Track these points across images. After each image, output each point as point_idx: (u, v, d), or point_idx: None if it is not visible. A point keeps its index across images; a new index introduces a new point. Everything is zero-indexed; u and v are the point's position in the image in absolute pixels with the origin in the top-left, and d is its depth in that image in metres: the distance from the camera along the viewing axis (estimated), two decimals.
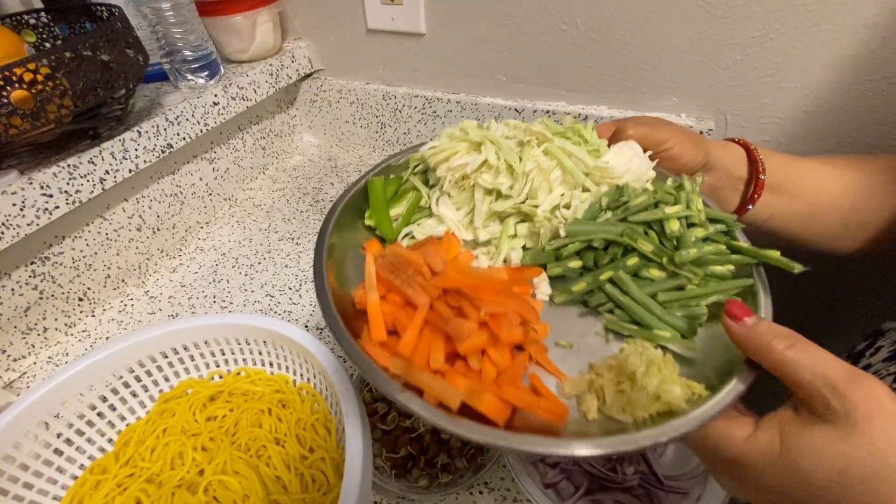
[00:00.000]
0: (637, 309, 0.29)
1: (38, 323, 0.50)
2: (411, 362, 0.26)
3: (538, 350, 0.29)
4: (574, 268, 0.32)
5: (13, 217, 0.43)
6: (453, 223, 0.36)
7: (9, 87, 0.39)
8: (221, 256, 0.62)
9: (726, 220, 0.32)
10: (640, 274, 0.31)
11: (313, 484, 0.34)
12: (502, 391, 0.25)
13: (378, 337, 0.28)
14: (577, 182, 0.34)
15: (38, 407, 0.34)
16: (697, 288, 0.30)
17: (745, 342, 0.25)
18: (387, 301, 0.30)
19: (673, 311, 0.29)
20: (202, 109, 0.59)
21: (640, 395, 0.25)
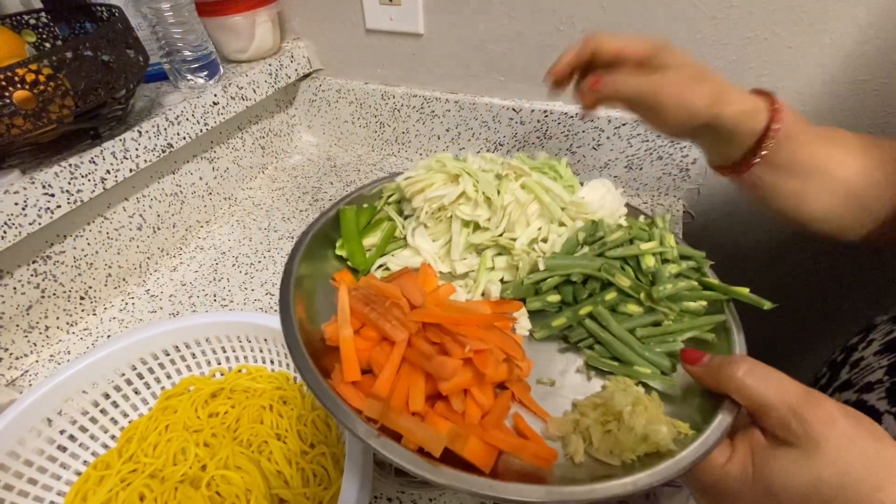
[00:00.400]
0: (617, 345, 0.30)
1: (39, 321, 0.50)
2: (388, 404, 0.24)
3: (521, 389, 0.28)
4: (553, 302, 0.32)
5: (15, 216, 0.43)
6: (430, 255, 0.36)
7: (11, 88, 0.39)
8: (221, 255, 0.63)
9: (696, 257, 0.34)
10: (617, 309, 0.31)
11: (314, 478, 0.34)
12: (487, 434, 0.24)
13: (351, 376, 0.26)
14: (555, 217, 0.35)
15: (42, 403, 0.35)
16: (674, 324, 0.31)
17: (707, 378, 0.27)
18: (361, 336, 0.28)
19: (651, 347, 0.30)
20: (202, 109, 0.60)
21: (629, 437, 0.25)
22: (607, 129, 0.61)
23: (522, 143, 0.66)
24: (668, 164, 0.61)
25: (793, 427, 0.23)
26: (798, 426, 0.23)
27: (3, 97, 0.39)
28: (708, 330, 0.31)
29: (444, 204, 0.35)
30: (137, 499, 0.34)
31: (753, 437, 0.25)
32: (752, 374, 0.25)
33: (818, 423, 0.23)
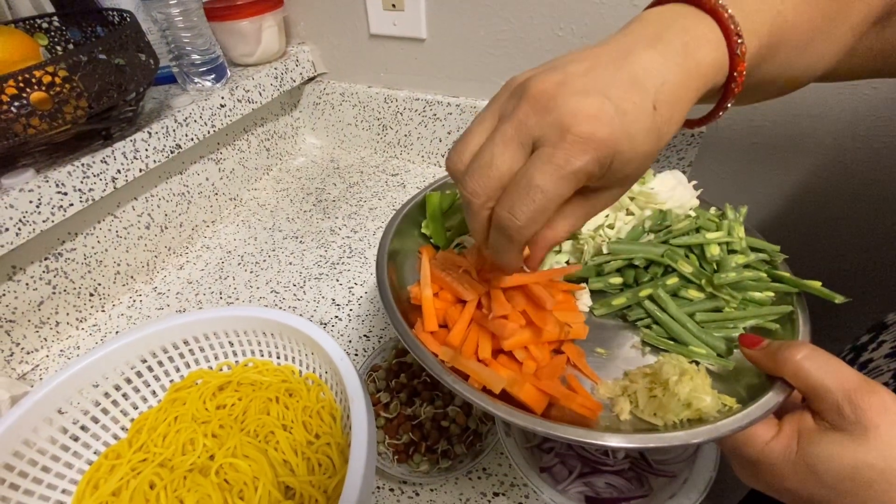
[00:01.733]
0: (674, 326, 0.31)
1: (50, 317, 0.51)
2: (459, 351, 0.29)
3: (576, 353, 0.31)
4: (615, 283, 0.34)
5: (29, 214, 0.45)
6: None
7: (28, 89, 0.41)
8: (227, 254, 0.64)
9: (768, 249, 0.34)
10: (678, 294, 0.32)
11: (319, 468, 0.35)
12: (541, 383, 0.28)
13: (430, 326, 0.31)
14: (622, 205, 0.37)
15: (55, 395, 0.36)
16: (735, 311, 0.31)
17: (763, 360, 0.27)
18: (439, 298, 0.33)
19: (710, 332, 0.30)
20: (209, 111, 0.61)
21: (672, 401, 0.26)
22: None
23: None
24: (664, 167, 0.62)
25: (845, 412, 0.23)
26: (851, 411, 0.23)
27: (21, 98, 0.41)
28: (772, 320, 0.31)
29: None
30: (147, 486, 0.35)
31: (803, 418, 0.25)
32: (810, 357, 0.25)
33: (871, 411, 0.23)
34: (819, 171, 0.57)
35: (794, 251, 0.41)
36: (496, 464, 0.39)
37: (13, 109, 0.41)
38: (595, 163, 0.21)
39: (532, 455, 0.37)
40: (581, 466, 0.35)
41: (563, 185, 0.22)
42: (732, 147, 0.59)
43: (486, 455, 0.38)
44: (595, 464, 0.35)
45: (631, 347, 0.32)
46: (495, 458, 0.39)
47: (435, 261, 0.35)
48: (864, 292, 0.62)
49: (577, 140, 0.21)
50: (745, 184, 0.61)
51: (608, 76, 0.22)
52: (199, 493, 0.34)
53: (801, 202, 0.60)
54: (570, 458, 0.36)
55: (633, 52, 0.23)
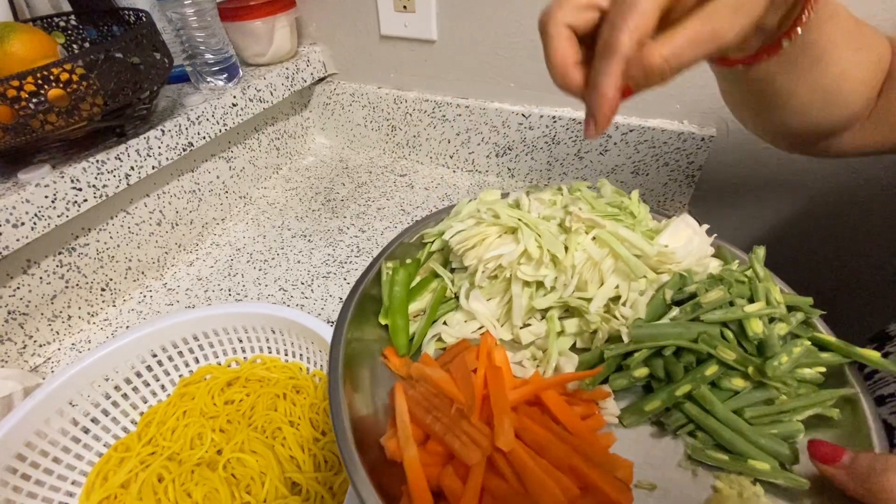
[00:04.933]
0: (725, 432, 0.25)
1: (63, 311, 0.52)
2: None
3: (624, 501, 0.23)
4: (641, 377, 0.28)
5: (45, 209, 0.45)
6: (487, 320, 0.31)
7: (46, 86, 0.41)
8: (237, 251, 0.64)
9: (803, 307, 0.29)
10: (719, 384, 0.27)
11: (325, 464, 0.35)
12: None
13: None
14: (637, 274, 0.30)
15: (66, 387, 0.37)
16: (789, 400, 0.26)
17: (850, 484, 0.21)
18: (426, 451, 0.24)
19: (765, 431, 0.25)
20: (221, 110, 0.62)
21: None
22: (615, 136, 0.62)
23: (531, 147, 0.68)
24: (674, 170, 0.62)
25: None
26: None
27: (39, 95, 0.41)
28: (832, 405, 0.26)
29: (503, 265, 0.30)
30: (156, 479, 0.36)
31: None
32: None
33: None
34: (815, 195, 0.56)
35: (790, 263, 0.40)
36: None
37: (31, 106, 0.41)
38: None
39: None
40: None
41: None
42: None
43: None
44: None
45: (677, 467, 0.26)
46: None
47: (413, 392, 0.26)
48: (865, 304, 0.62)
49: None
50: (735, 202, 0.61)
51: None
52: (206, 487, 0.34)
53: (799, 213, 0.60)
54: None
55: None
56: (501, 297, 0.31)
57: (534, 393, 0.26)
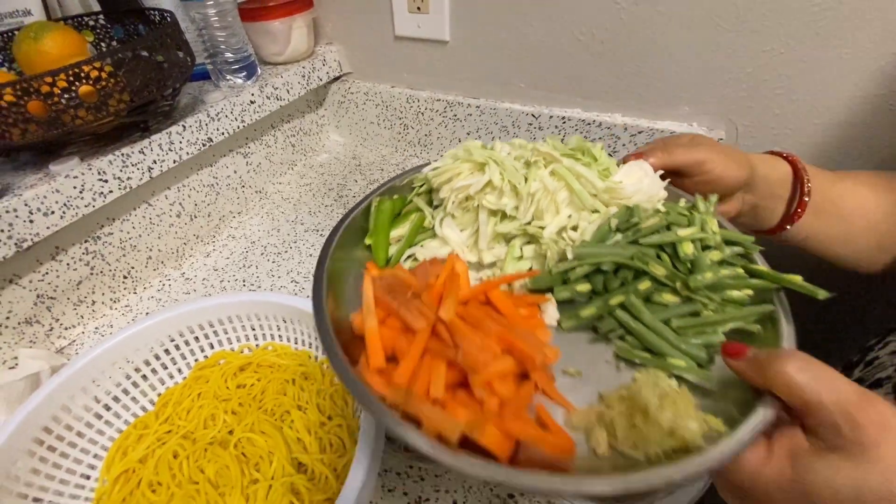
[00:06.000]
0: (650, 336, 0.28)
1: (87, 296, 0.55)
2: (410, 391, 0.25)
3: (545, 379, 0.28)
4: (582, 291, 0.31)
5: (73, 198, 0.48)
6: (457, 244, 0.35)
7: (77, 83, 0.44)
8: (251, 244, 0.67)
9: (744, 243, 0.32)
10: (652, 299, 0.30)
11: (331, 447, 0.37)
12: (506, 424, 0.24)
13: (376, 363, 0.26)
14: (585, 205, 0.33)
15: (91, 366, 0.39)
16: (714, 314, 0.29)
17: (750, 373, 0.25)
18: (387, 326, 0.29)
19: (688, 339, 0.28)
20: (240, 107, 0.64)
21: (653, 430, 0.24)
22: (623, 136, 0.62)
23: None
24: None
25: (843, 430, 0.21)
26: (848, 430, 0.21)
27: (71, 91, 0.44)
28: (754, 321, 0.29)
29: (471, 194, 0.35)
30: (171, 456, 0.38)
31: (794, 438, 0.23)
32: (803, 370, 0.23)
33: (870, 427, 0.21)
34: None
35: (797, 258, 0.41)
36: None
37: (63, 101, 0.44)
38: None
39: None
40: None
41: None
42: None
43: None
44: None
45: (605, 363, 0.29)
46: None
47: (380, 281, 0.31)
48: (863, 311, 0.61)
49: None
50: None
51: None
52: (218, 464, 0.36)
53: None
54: None
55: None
56: (472, 227, 0.36)
57: (483, 290, 0.31)
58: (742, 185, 0.38)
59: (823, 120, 0.53)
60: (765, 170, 0.39)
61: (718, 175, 0.36)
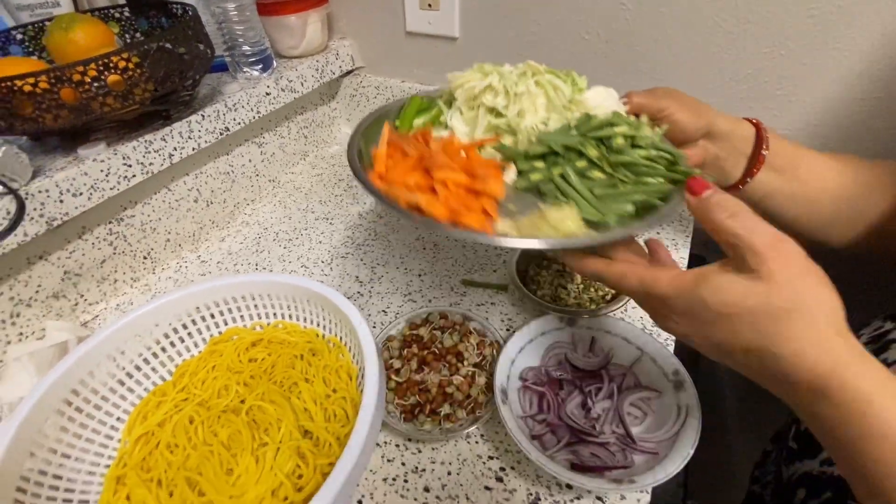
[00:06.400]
0: (576, 197, 0.36)
1: (110, 275, 0.58)
2: (395, 184, 0.37)
3: (489, 202, 0.37)
4: (538, 166, 0.39)
5: (100, 181, 0.51)
6: (461, 133, 0.45)
7: (107, 72, 0.47)
8: (264, 230, 0.70)
9: (675, 155, 0.37)
10: (585, 174, 0.38)
11: (335, 417, 0.40)
12: (451, 203, 0.35)
13: (378, 170, 0.39)
14: (556, 108, 0.42)
15: (114, 337, 0.42)
16: (626, 188, 0.36)
17: (697, 212, 0.29)
18: (392, 158, 0.40)
19: (606, 205, 0.35)
20: (256, 98, 0.67)
21: (544, 224, 0.33)
22: None
23: None
24: None
25: (749, 260, 0.25)
26: (754, 261, 0.25)
27: (100, 80, 0.47)
28: (657, 197, 0.35)
29: (475, 93, 0.43)
30: (187, 421, 0.41)
31: (709, 266, 0.28)
32: (734, 217, 0.27)
33: (773, 261, 0.25)
34: None
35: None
36: (493, 432, 0.43)
37: (93, 89, 0.47)
38: None
39: (525, 423, 0.40)
40: (569, 436, 0.38)
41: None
42: None
43: (484, 422, 0.41)
44: (582, 434, 0.38)
45: (537, 210, 0.37)
46: (493, 426, 0.43)
47: (394, 132, 0.43)
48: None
49: None
50: None
51: None
52: (230, 429, 0.39)
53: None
54: (560, 429, 0.39)
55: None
56: (474, 125, 0.44)
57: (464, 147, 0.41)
58: (701, 132, 0.43)
59: (821, 121, 0.55)
60: (728, 125, 0.43)
61: (676, 120, 0.42)
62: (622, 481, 0.34)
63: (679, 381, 0.40)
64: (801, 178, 0.44)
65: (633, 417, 0.40)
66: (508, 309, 0.54)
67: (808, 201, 0.44)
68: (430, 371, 0.44)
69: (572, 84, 0.44)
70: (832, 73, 0.52)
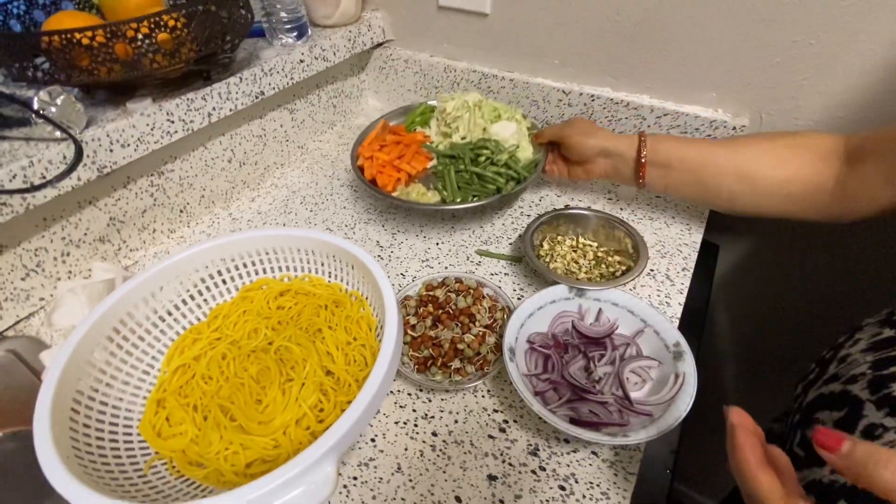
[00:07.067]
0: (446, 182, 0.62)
1: (149, 224, 0.62)
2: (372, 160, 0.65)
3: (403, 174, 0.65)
4: (442, 161, 0.65)
5: (145, 135, 0.54)
6: (431, 132, 0.72)
7: (157, 30, 0.50)
8: (292, 193, 0.73)
9: (517, 171, 0.61)
10: (460, 172, 0.62)
11: (354, 362, 0.43)
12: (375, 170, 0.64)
13: (364, 154, 0.67)
14: (474, 131, 0.67)
15: (155, 278, 0.45)
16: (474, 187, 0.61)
17: (850, 475, 0.23)
18: (376, 141, 0.69)
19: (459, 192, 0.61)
20: (290, 65, 0.69)
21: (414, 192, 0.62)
22: (648, 118, 0.65)
23: None
24: None
25: None
26: None
27: (151, 37, 0.50)
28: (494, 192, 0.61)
29: (440, 112, 0.71)
30: (220, 357, 0.44)
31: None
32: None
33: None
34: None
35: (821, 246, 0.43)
36: (499, 388, 0.46)
37: (144, 46, 0.50)
38: None
39: (529, 381, 0.43)
40: (570, 394, 0.41)
41: None
42: None
43: (491, 377, 0.44)
44: (582, 392, 0.40)
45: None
46: (499, 383, 0.46)
47: (386, 127, 0.73)
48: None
49: None
50: None
51: None
52: (260, 365, 0.43)
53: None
54: (562, 386, 0.42)
55: None
56: (437, 129, 0.71)
57: (415, 139, 0.71)
58: (596, 150, 0.56)
59: (847, 114, 0.55)
60: (617, 143, 0.55)
61: (572, 143, 0.57)
62: (616, 435, 0.36)
63: (679, 352, 0.42)
64: (690, 169, 0.52)
65: (632, 384, 0.42)
66: (521, 280, 0.56)
67: (700, 185, 0.52)
68: (443, 328, 0.47)
69: (496, 117, 0.67)
70: (860, 65, 0.52)
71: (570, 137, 0.57)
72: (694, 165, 0.52)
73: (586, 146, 0.56)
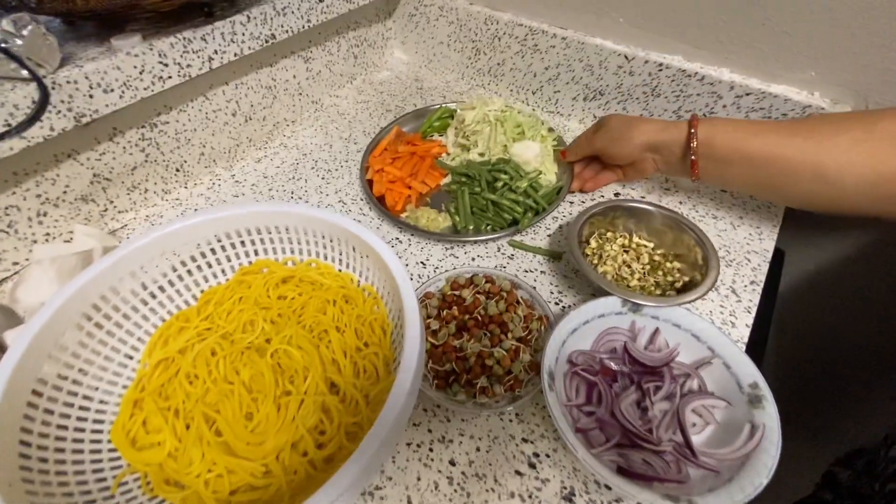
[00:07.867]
0: (459, 207, 0.55)
1: (140, 183, 0.55)
2: (382, 173, 0.59)
3: (414, 193, 0.59)
4: (456, 180, 0.59)
5: (133, 79, 0.46)
6: (448, 142, 0.66)
7: None
8: (303, 156, 0.65)
9: (537, 200, 0.54)
10: (475, 195, 0.56)
11: (364, 373, 0.37)
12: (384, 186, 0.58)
13: (374, 167, 0.60)
14: (493, 149, 0.61)
15: (140, 253, 0.38)
16: (489, 215, 0.55)
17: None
18: (387, 150, 0.63)
19: (473, 218, 0.54)
20: (307, 4, 0.59)
21: (424, 217, 0.55)
22: (726, 97, 0.55)
23: (626, 96, 0.61)
24: None
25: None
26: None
27: None
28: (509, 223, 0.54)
29: (461, 121, 0.65)
30: (209, 352, 0.38)
31: None
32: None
33: None
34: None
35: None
36: (530, 413, 0.39)
37: None
38: None
39: (569, 412, 0.36)
40: (620, 437, 0.34)
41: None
42: None
43: (523, 403, 0.38)
44: (637, 438, 0.33)
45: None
46: (531, 408, 0.39)
47: (400, 134, 0.66)
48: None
49: None
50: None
51: None
52: (253, 370, 0.36)
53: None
54: (610, 426, 0.35)
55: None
56: (454, 139, 0.65)
57: (430, 150, 0.64)
58: (639, 150, 0.49)
59: None
60: (661, 137, 0.47)
61: (613, 154, 0.51)
62: (679, 499, 0.30)
63: (757, 397, 0.34)
64: (754, 164, 0.42)
65: (691, 425, 0.35)
66: (559, 280, 0.49)
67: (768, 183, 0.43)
68: (470, 339, 0.40)
69: (520, 134, 0.62)
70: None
71: (607, 148, 0.50)
72: (757, 160, 0.42)
73: (629, 149, 0.49)
